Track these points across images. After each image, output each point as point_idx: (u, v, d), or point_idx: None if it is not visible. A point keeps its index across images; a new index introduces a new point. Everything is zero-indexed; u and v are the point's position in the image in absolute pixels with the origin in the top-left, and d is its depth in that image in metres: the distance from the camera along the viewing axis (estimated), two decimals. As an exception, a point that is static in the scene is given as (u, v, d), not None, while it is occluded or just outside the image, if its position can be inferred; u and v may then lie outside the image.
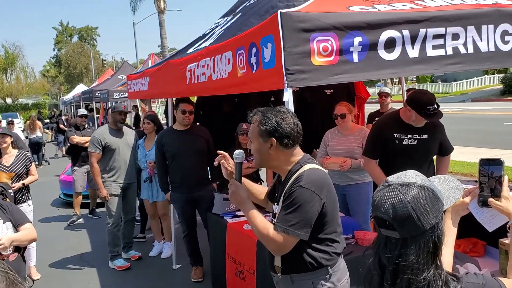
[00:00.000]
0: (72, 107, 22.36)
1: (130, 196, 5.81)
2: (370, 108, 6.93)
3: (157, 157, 5.09)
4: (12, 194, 4.44)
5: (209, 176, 5.18)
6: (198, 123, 5.59)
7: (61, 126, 16.70)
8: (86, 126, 8.17)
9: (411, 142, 3.84)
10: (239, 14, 4.42)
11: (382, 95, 6.55)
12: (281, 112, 2.32)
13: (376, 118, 6.52)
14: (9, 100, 50.80)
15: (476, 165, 2.29)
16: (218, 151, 2.80)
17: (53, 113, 29.73)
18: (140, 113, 13.82)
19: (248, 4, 4.73)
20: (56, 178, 10.53)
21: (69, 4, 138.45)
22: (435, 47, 3.01)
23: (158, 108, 26.87)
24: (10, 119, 9.49)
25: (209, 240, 4.95)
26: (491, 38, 3.17)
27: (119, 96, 12.32)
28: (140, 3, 27.78)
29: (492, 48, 3.17)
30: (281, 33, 2.62)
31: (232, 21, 4.44)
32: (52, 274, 5.63)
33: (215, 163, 2.78)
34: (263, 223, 2.26)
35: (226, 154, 2.73)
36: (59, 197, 9.62)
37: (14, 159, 5.80)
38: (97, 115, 16.84)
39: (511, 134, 14.16)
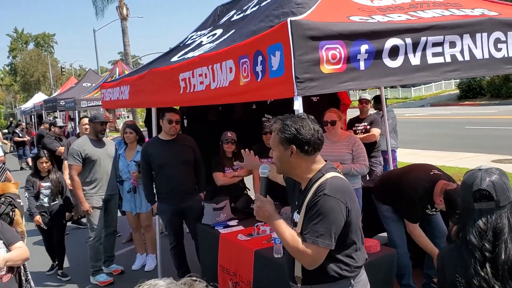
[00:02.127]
0: (32, 116, 21.57)
1: (112, 208, 5.62)
2: (349, 114, 7.00)
3: (143, 167, 4.96)
4: (22, 204, 4.28)
5: (196, 186, 5.07)
6: (181, 132, 5.49)
7: (16, 139, 16.10)
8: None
9: (432, 212, 4.05)
10: (233, 30, 4.35)
11: (363, 102, 6.64)
12: (300, 119, 2.29)
13: (356, 124, 6.61)
14: (-39, 110, 48.67)
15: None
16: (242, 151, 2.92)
17: (10, 123, 28.66)
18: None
19: (235, 19, 4.68)
20: (22, 191, 10.09)
21: (24, 11, 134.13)
22: (434, 54, 3.07)
23: (123, 117, 26.35)
24: None
25: (198, 252, 4.86)
26: (485, 45, 3.28)
27: (86, 105, 11.97)
28: (106, 8, 27.13)
29: (486, 55, 3.28)
30: (291, 41, 2.60)
31: (225, 36, 4.37)
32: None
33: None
34: (293, 237, 2.22)
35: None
36: (26, 210, 9.21)
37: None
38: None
39: (472, 137, 14.66)
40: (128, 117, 26.09)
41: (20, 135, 16.30)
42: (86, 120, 6.67)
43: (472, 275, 1.84)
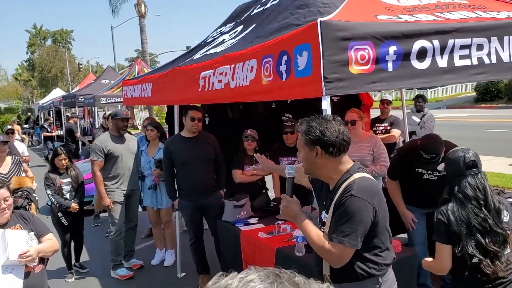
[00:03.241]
0: (51, 111, 21.84)
1: (133, 203, 5.71)
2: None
3: (165, 164, 5.03)
4: (37, 198, 4.36)
5: (217, 184, 5.12)
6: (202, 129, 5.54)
7: (45, 134, 16.23)
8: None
9: (431, 177, 4.07)
10: (254, 25, 4.39)
11: (384, 102, 6.63)
12: (326, 121, 2.32)
13: (376, 124, 6.61)
14: (-20, 104, 49.51)
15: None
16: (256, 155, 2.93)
17: (28, 118, 29.06)
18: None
19: (254, 13, 4.73)
20: (41, 185, 10.24)
21: (42, 7, 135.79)
22: (461, 57, 3.08)
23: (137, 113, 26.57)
24: (9, 127, 8.74)
25: (218, 248, 4.91)
26: (512, 49, 3.26)
27: (105, 102, 12.11)
28: (120, 6, 27.43)
29: (513, 59, 3.26)
30: (321, 41, 2.63)
31: (246, 31, 4.42)
32: (52, 285, 5.45)
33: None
34: (319, 236, 2.26)
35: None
36: (47, 204, 9.36)
37: (10, 167, 5.67)
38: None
39: (489, 140, 14.51)
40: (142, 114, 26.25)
41: (49, 130, 16.49)
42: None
43: (472, 219, 2.61)
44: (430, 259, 2.91)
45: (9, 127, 8.63)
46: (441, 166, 3.40)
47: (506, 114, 22.78)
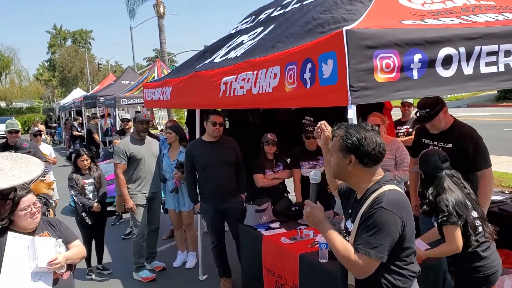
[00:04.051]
0: (72, 112, 22.16)
1: (155, 206, 5.78)
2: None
3: (187, 168, 5.08)
4: (54, 205, 4.42)
5: (238, 187, 5.14)
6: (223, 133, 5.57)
7: (75, 133, 16.23)
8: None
9: (435, 145, 3.96)
10: (272, 26, 4.40)
11: (405, 105, 6.58)
12: (364, 130, 2.30)
13: (398, 127, 6.56)
14: (3, 104, 50.35)
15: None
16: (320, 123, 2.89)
17: (49, 117, 29.47)
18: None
19: (274, 15, 4.73)
20: (64, 186, 10.42)
21: (62, 8, 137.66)
22: (488, 64, 3.02)
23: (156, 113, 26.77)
24: (37, 129, 8.40)
25: (239, 251, 4.94)
26: (541, 54, 3.18)
27: (126, 103, 12.25)
28: (137, 7, 27.64)
29: (541, 64, 3.19)
30: (346, 50, 2.62)
31: (265, 32, 4.43)
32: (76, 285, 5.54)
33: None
34: (344, 245, 2.23)
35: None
36: (69, 205, 9.51)
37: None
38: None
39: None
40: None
41: (78, 129, 16.67)
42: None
43: (464, 197, 3.18)
44: (428, 250, 3.31)
45: (37, 128, 8.53)
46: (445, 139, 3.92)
47: (529, 113, 22.34)
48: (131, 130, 8.06)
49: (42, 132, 8.56)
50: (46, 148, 7.74)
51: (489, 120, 21.34)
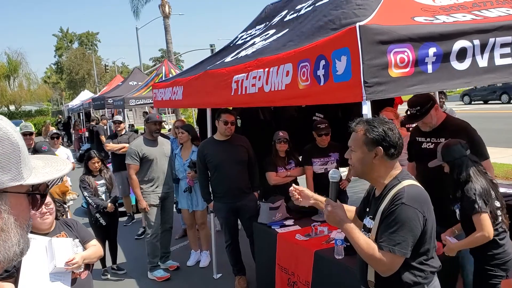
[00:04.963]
0: (80, 113, 22.30)
1: (168, 205, 5.80)
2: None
3: (199, 167, 5.09)
4: (67, 209, 4.45)
5: (250, 185, 5.15)
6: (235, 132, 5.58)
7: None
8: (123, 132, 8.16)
9: (428, 146, 3.84)
10: (286, 29, 4.38)
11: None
12: (386, 122, 2.30)
13: (407, 125, 6.51)
14: (12, 108, 50.78)
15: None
16: (294, 187, 2.77)
17: (59, 120, 29.68)
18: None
19: (288, 19, 4.70)
20: (75, 187, 10.47)
21: (69, 11, 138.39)
22: (502, 55, 3.01)
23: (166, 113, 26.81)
24: (55, 131, 7.77)
25: (254, 249, 4.95)
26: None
27: (134, 103, 12.28)
28: (142, 7, 27.64)
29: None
30: (360, 46, 2.61)
31: (279, 35, 4.41)
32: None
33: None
34: (367, 243, 2.22)
35: (303, 189, 2.76)
36: (82, 206, 9.57)
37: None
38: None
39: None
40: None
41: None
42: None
43: (489, 184, 3.17)
44: (459, 242, 3.27)
45: (54, 130, 8.23)
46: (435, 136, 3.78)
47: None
48: (123, 132, 8.12)
49: (59, 135, 7.94)
50: (64, 152, 7.42)
51: (500, 112, 21.22)
